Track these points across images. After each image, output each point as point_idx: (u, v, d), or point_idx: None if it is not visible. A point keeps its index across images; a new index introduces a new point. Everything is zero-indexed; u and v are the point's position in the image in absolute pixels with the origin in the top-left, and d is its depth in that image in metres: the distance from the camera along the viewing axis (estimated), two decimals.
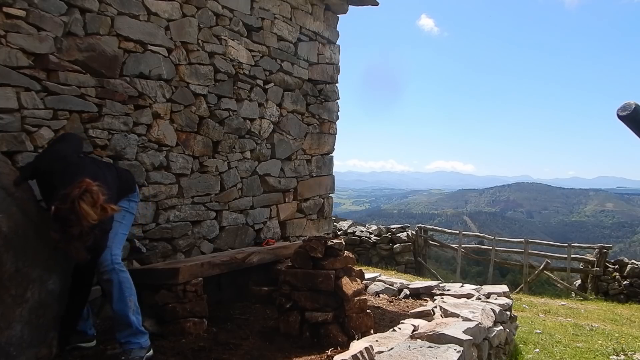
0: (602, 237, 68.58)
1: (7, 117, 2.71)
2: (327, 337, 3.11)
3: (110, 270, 2.63)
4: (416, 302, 4.43)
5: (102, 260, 2.62)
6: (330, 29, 5.45)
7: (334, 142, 5.63)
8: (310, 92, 5.18)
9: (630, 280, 10.43)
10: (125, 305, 2.65)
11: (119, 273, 2.67)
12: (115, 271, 2.65)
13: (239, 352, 2.93)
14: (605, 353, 4.54)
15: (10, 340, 2.24)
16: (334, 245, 3.27)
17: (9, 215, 2.36)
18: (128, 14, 3.36)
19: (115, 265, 2.65)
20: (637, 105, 1.59)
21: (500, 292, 4.40)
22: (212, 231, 4.12)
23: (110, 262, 2.63)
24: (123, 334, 2.64)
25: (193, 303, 3.23)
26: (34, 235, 2.44)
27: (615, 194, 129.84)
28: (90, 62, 3.11)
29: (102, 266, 2.62)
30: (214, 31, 4.05)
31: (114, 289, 2.64)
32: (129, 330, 2.65)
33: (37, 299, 2.38)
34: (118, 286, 2.65)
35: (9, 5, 2.71)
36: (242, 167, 4.39)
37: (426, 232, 12.99)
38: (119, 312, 2.64)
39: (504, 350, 3.75)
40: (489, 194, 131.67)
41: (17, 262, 2.32)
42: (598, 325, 6.14)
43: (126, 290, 2.67)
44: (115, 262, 2.66)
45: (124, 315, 2.64)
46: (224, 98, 4.17)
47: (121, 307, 2.64)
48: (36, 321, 2.37)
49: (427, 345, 2.45)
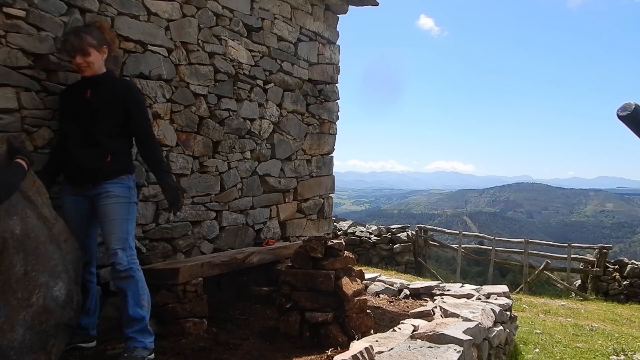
0: (602, 237, 68.62)
1: (7, 117, 2.71)
2: (327, 337, 3.11)
3: (127, 269, 2.68)
4: (416, 302, 4.43)
5: (119, 261, 2.67)
6: (330, 29, 5.45)
7: (334, 142, 5.63)
8: (310, 92, 5.18)
9: (630, 281, 10.43)
10: (140, 305, 2.71)
11: (136, 272, 2.73)
12: (133, 270, 2.72)
13: (239, 352, 2.93)
14: (605, 353, 4.54)
15: (12, 344, 2.23)
16: (334, 246, 3.27)
17: (22, 218, 2.37)
18: (128, 14, 3.36)
19: (132, 265, 2.71)
20: (637, 105, 1.59)
21: (500, 292, 4.40)
22: (212, 231, 4.12)
23: (127, 262, 2.68)
24: (132, 328, 2.67)
25: (193, 303, 3.23)
26: (45, 240, 2.45)
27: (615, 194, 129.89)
28: None
29: (119, 266, 2.67)
30: (214, 31, 4.05)
31: (130, 289, 2.69)
32: (139, 326, 2.69)
33: (41, 305, 2.38)
34: (134, 285, 2.71)
35: (9, 5, 2.71)
36: (242, 167, 4.39)
37: (426, 232, 13.00)
38: (132, 311, 2.69)
39: (504, 350, 3.75)
40: (489, 194, 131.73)
41: (26, 266, 2.33)
42: (598, 326, 6.15)
43: (140, 289, 2.73)
44: (132, 262, 2.72)
45: (137, 313, 2.69)
46: (224, 98, 4.17)
47: (136, 306, 2.70)
48: (39, 327, 2.36)
49: (427, 346, 2.45)
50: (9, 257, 2.28)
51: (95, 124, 2.76)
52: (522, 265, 11.80)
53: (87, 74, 2.77)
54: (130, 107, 2.82)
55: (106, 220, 2.73)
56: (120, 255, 2.67)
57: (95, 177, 2.75)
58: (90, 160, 2.74)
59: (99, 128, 2.77)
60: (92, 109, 2.76)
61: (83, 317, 2.79)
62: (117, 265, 2.67)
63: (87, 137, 2.76)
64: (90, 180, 2.76)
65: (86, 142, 2.75)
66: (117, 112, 2.80)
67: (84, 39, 2.72)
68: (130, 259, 2.72)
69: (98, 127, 2.76)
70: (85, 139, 2.75)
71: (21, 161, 2.39)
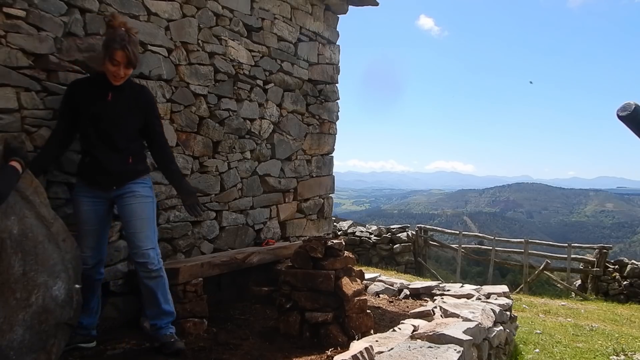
0: (602, 237, 68.62)
1: (7, 117, 2.70)
2: (327, 337, 3.12)
3: (158, 269, 2.82)
4: (416, 303, 4.43)
5: (151, 260, 2.78)
6: (330, 29, 5.45)
7: (334, 142, 5.63)
8: (310, 92, 5.18)
9: (630, 281, 10.43)
10: (168, 301, 2.90)
11: (163, 272, 2.88)
12: (162, 270, 2.87)
13: (239, 352, 2.93)
14: (605, 353, 4.54)
15: (12, 344, 2.23)
16: (334, 246, 3.27)
17: (20, 218, 2.37)
18: (128, 14, 3.36)
19: (161, 264, 2.86)
20: (637, 106, 1.59)
21: (500, 292, 4.40)
22: (212, 231, 4.12)
23: (157, 262, 2.81)
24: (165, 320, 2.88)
25: (193, 303, 3.23)
26: (43, 240, 2.45)
27: (615, 194, 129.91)
28: (91, 63, 3.10)
29: (152, 266, 2.79)
30: (214, 31, 4.04)
31: (159, 288, 2.84)
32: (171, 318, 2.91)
33: (40, 304, 2.38)
34: (163, 284, 2.87)
35: (9, 5, 2.71)
36: (242, 168, 4.39)
37: (426, 232, 13.00)
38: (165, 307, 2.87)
39: (504, 350, 3.75)
40: (489, 194, 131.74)
41: (25, 266, 2.33)
42: (598, 326, 6.15)
43: (167, 287, 2.91)
44: (161, 262, 2.87)
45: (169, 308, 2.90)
46: (224, 98, 4.17)
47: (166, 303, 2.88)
48: (38, 327, 2.36)
49: (427, 346, 2.45)
50: (7, 257, 2.28)
51: (118, 127, 2.80)
52: (522, 265, 11.80)
53: (117, 83, 2.79)
54: (149, 112, 2.92)
55: (134, 220, 2.79)
56: (152, 255, 2.79)
57: (120, 180, 2.81)
58: (115, 165, 2.79)
59: (122, 132, 2.81)
60: (114, 113, 2.79)
61: (85, 317, 2.81)
62: (149, 265, 2.77)
63: (109, 141, 2.78)
64: (115, 183, 2.81)
65: (109, 145, 2.78)
66: (138, 116, 2.87)
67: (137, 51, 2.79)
68: (159, 257, 2.85)
69: (120, 131, 2.80)
70: (108, 142, 2.78)
71: (15, 164, 2.38)
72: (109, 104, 2.78)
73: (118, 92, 2.80)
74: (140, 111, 2.87)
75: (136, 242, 2.78)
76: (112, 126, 2.78)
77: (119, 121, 2.79)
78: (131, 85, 2.91)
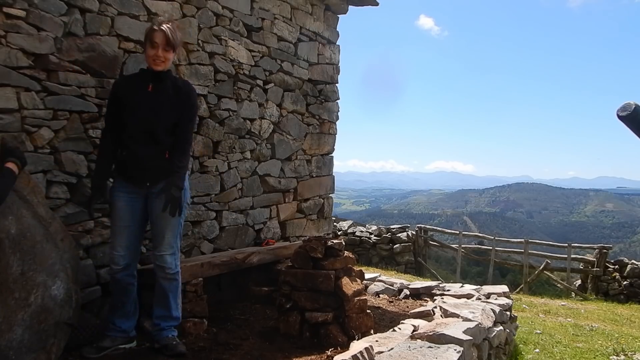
0: (602, 238, 68.58)
1: (7, 117, 2.70)
2: (327, 337, 3.12)
3: (175, 272, 2.85)
4: (416, 303, 4.43)
5: (167, 265, 2.80)
6: (330, 29, 5.45)
7: (334, 142, 5.63)
8: (310, 92, 5.18)
9: (630, 281, 10.43)
10: (178, 307, 2.92)
11: (179, 276, 2.90)
12: (179, 274, 2.89)
13: (239, 352, 2.93)
14: (605, 353, 4.54)
15: (11, 344, 2.23)
16: (334, 246, 3.27)
17: (18, 218, 2.37)
18: (128, 14, 3.36)
19: (178, 268, 2.88)
20: (637, 106, 1.58)
21: (500, 292, 4.40)
22: (212, 231, 4.12)
23: (174, 266, 2.83)
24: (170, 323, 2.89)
25: (193, 303, 3.23)
26: (41, 239, 2.44)
27: (615, 194, 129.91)
28: (91, 63, 3.10)
29: (169, 269, 2.81)
30: (214, 31, 4.04)
31: (172, 290, 2.86)
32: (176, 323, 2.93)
33: (39, 304, 2.38)
34: (176, 288, 2.89)
35: (9, 5, 2.71)
36: (242, 168, 4.39)
37: (426, 233, 13.00)
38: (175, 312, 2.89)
39: (504, 350, 3.75)
40: (489, 194, 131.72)
41: (23, 265, 2.33)
42: (598, 326, 6.14)
43: (179, 292, 2.93)
44: (178, 265, 2.89)
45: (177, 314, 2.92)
46: (224, 98, 4.17)
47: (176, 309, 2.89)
48: (37, 326, 2.36)
49: (427, 346, 2.45)
50: (6, 257, 2.28)
51: (156, 119, 2.74)
52: (522, 265, 11.80)
53: (159, 68, 2.75)
54: (184, 110, 2.83)
55: (158, 221, 2.77)
56: (169, 260, 2.79)
57: (156, 176, 2.75)
58: (151, 159, 2.73)
59: (160, 124, 2.75)
60: (153, 103, 2.75)
61: (124, 321, 2.83)
62: (167, 268, 2.78)
63: (147, 133, 2.73)
64: (150, 179, 2.76)
65: (146, 138, 2.74)
66: (177, 110, 2.80)
67: (177, 35, 2.76)
68: (177, 261, 2.86)
69: (158, 123, 2.75)
70: (145, 135, 2.74)
71: (12, 165, 2.37)
72: (150, 94, 2.75)
73: (159, 82, 2.77)
74: (179, 105, 2.81)
75: (156, 245, 2.79)
76: (151, 116, 2.73)
77: (158, 112, 2.74)
78: (174, 80, 2.89)
